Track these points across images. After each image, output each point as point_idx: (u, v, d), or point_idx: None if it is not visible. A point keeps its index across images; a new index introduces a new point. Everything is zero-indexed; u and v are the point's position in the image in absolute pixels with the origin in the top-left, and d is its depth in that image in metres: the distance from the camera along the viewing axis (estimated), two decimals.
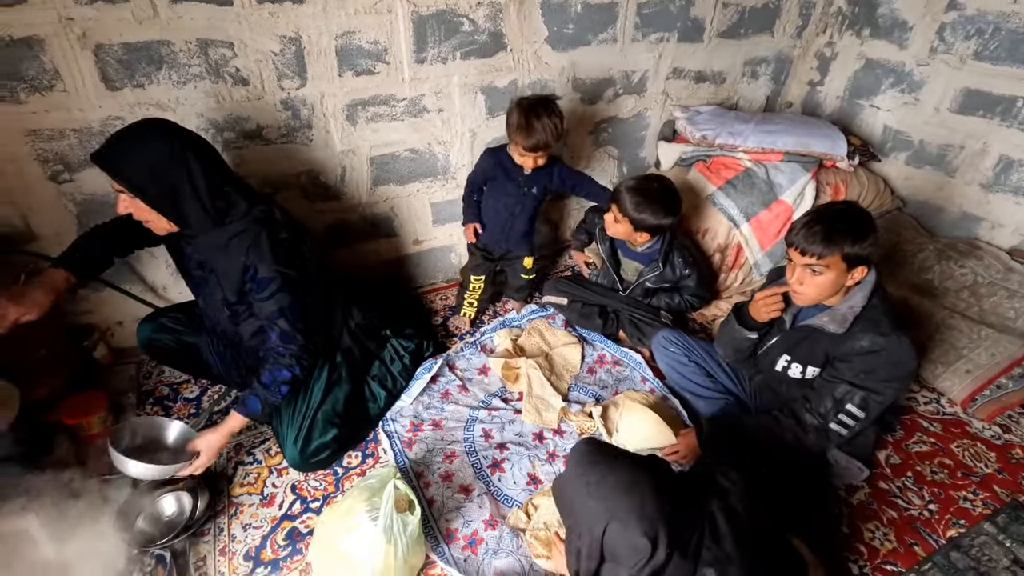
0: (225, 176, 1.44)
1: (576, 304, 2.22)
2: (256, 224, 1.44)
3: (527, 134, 1.83)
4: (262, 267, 1.44)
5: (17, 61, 1.51)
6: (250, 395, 1.52)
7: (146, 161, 1.29)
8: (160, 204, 1.34)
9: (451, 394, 1.96)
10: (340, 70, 1.89)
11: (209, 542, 1.53)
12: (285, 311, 1.49)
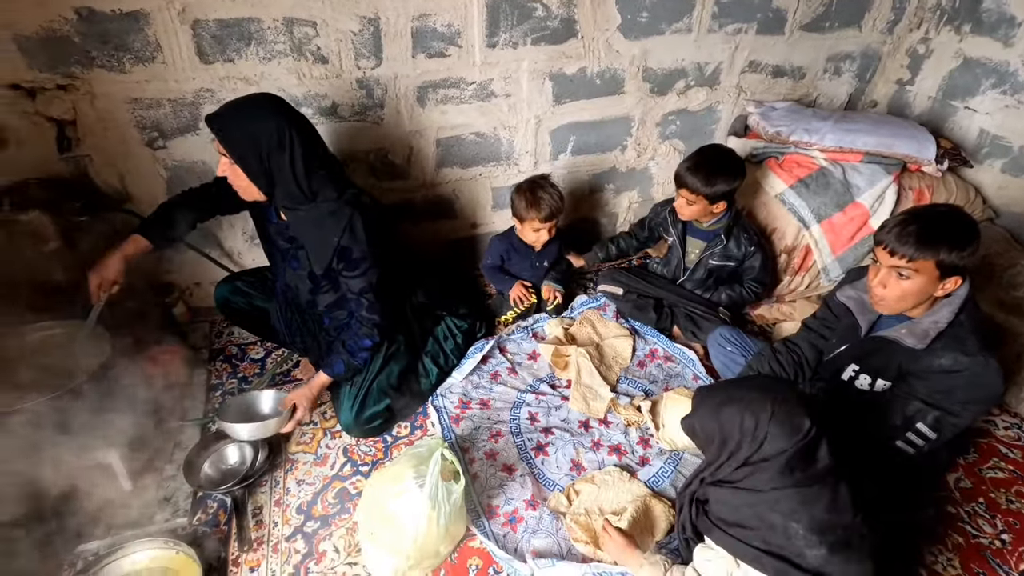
0: (321, 158, 1.51)
1: (632, 295, 2.20)
2: (349, 206, 1.51)
3: (538, 207, 2.04)
4: (356, 248, 1.52)
5: (125, 33, 1.63)
6: (336, 359, 1.64)
7: (252, 132, 1.38)
8: (255, 174, 1.42)
9: (500, 376, 1.99)
10: (414, 52, 1.94)
11: (266, 492, 1.62)
12: (372, 287, 1.59)
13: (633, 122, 2.40)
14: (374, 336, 1.65)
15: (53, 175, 1.74)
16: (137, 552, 1.42)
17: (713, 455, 1.21)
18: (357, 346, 1.65)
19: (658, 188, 2.66)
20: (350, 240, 1.52)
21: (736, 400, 1.15)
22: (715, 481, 1.21)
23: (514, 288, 2.17)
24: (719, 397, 1.20)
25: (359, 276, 1.57)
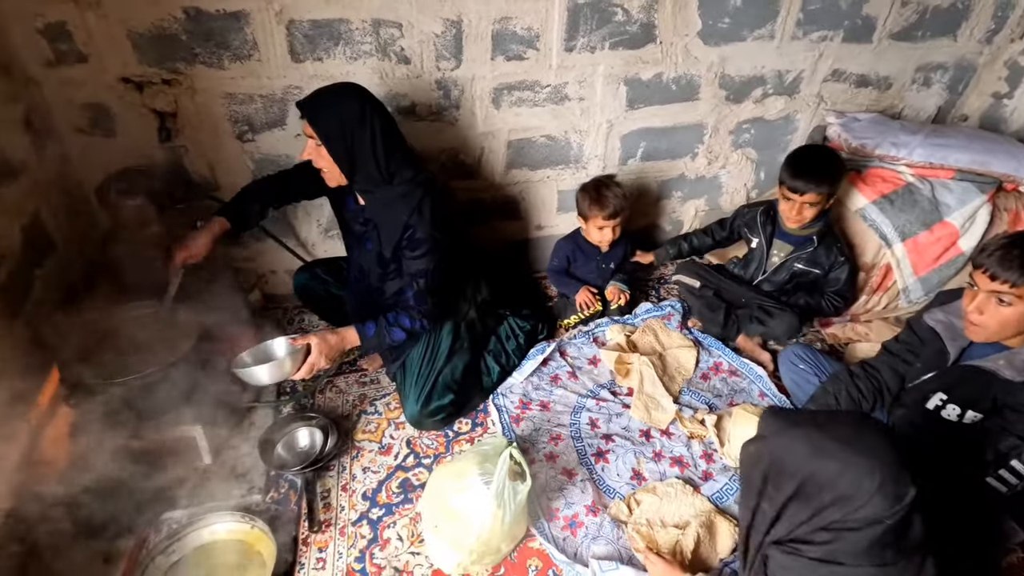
0: (399, 143, 1.58)
1: (707, 291, 2.15)
2: (420, 189, 1.56)
3: (602, 204, 2.06)
4: (420, 228, 1.56)
5: (226, 32, 1.72)
6: (372, 324, 1.62)
7: (339, 115, 1.46)
8: (339, 155, 1.50)
9: (560, 379, 1.99)
10: (493, 54, 1.96)
11: (334, 477, 1.68)
12: (428, 272, 1.61)
13: (706, 129, 2.36)
14: (415, 321, 1.64)
15: (153, 163, 1.86)
16: (216, 524, 1.50)
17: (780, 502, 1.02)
18: (396, 320, 1.63)
19: (727, 197, 2.61)
20: (417, 220, 1.56)
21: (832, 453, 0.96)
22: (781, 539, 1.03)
23: (580, 293, 2.17)
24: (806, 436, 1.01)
25: (418, 258, 1.60)
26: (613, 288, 2.22)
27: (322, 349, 1.53)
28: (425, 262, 1.60)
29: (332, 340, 1.56)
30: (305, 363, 1.53)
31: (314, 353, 1.53)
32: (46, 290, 1.61)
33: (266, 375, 1.49)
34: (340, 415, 1.86)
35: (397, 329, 1.63)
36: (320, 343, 1.53)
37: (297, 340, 1.54)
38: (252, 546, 1.49)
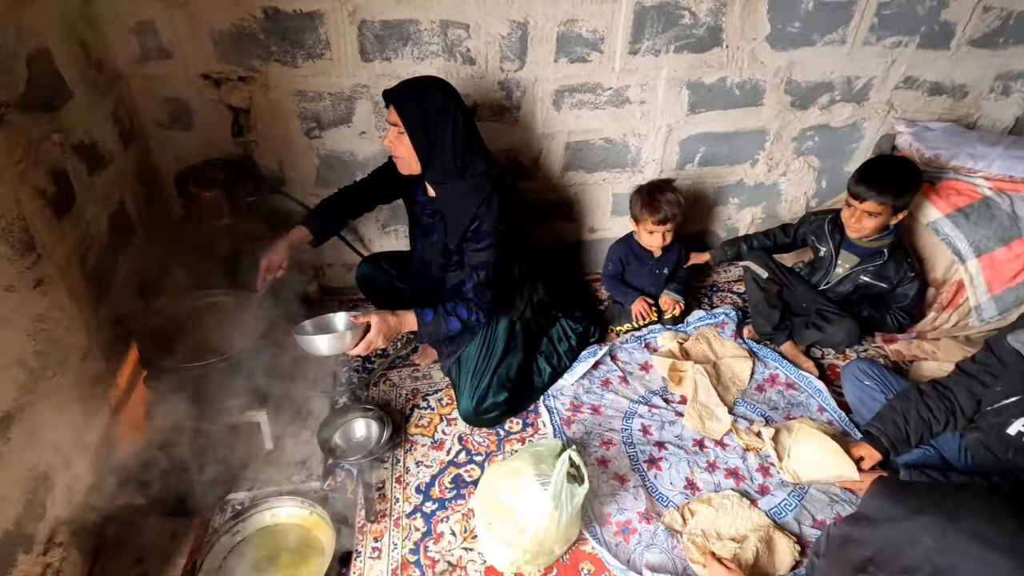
0: (476, 138, 1.62)
1: (772, 286, 2.09)
2: (491, 183, 1.59)
3: (653, 209, 2.04)
4: (487, 221, 1.58)
5: (301, 31, 1.78)
6: (431, 311, 1.62)
7: (424, 105, 1.51)
8: (420, 145, 1.54)
9: (611, 383, 1.98)
10: (556, 56, 1.96)
11: (388, 469, 1.72)
12: (489, 265, 1.63)
13: (768, 136, 2.31)
14: (472, 312, 1.65)
15: (226, 157, 1.93)
16: (277, 508, 1.55)
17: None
18: (454, 310, 1.63)
19: (785, 205, 2.54)
20: (485, 212, 1.58)
21: (966, 549, 0.86)
22: None
23: (637, 303, 2.16)
24: (935, 528, 0.89)
25: (481, 250, 1.62)
26: (667, 298, 2.19)
27: (381, 328, 1.53)
28: (488, 255, 1.62)
29: (391, 321, 1.57)
30: (363, 340, 1.52)
31: (372, 331, 1.53)
32: (127, 275, 1.69)
33: (325, 346, 1.48)
34: (394, 408, 1.90)
35: (454, 319, 1.64)
36: (380, 322, 1.54)
37: (358, 317, 1.54)
38: (311, 531, 1.54)
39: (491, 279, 1.65)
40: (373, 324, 1.53)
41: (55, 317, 1.31)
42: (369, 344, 1.53)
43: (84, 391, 1.41)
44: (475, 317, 1.67)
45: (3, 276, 1.15)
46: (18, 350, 1.18)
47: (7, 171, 1.19)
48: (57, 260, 1.34)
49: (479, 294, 1.66)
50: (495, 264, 1.64)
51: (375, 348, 1.55)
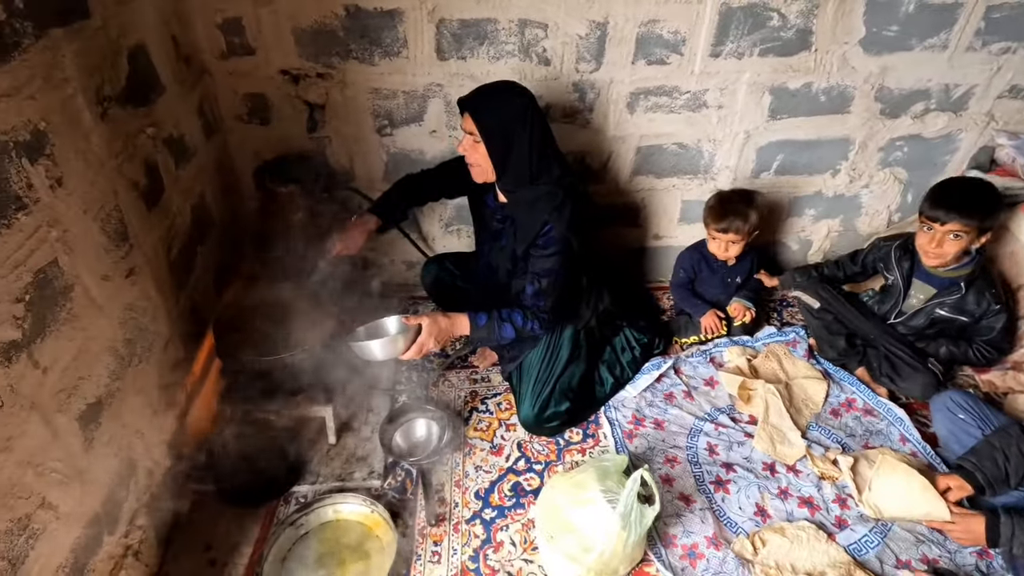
0: (551, 145, 1.58)
1: (827, 315, 2.00)
2: (563, 191, 1.55)
3: (718, 216, 2.00)
4: (557, 227, 1.54)
5: (380, 29, 1.78)
6: (485, 315, 1.58)
7: (501, 112, 1.49)
8: (496, 153, 1.51)
9: (675, 397, 1.92)
10: (634, 58, 1.90)
11: (447, 471, 1.71)
12: (552, 272, 1.59)
13: (852, 145, 2.18)
14: (528, 319, 1.60)
15: (301, 153, 1.96)
16: (340, 503, 1.56)
17: None
18: (508, 316, 1.59)
19: (866, 219, 2.41)
20: (556, 218, 1.54)
21: None
22: None
23: (708, 316, 2.08)
24: None
25: (546, 256, 1.58)
26: (738, 304, 2.11)
27: (432, 331, 1.50)
28: (553, 262, 1.58)
29: (443, 323, 1.53)
30: (415, 343, 1.49)
31: (423, 334, 1.49)
32: (205, 266, 1.74)
33: (379, 350, 1.46)
34: (452, 410, 1.89)
35: (508, 325, 1.60)
36: (431, 324, 1.50)
37: (409, 320, 1.51)
38: (371, 529, 1.54)
39: (552, 287, 1.61)
40: (424, 326, 1.50)
41: (143, 306, 1.35)
42: (421, 347, 1.49)
43: (165, 378, 1.45)
44: (530, 326, 1.62)
45: (100, 265, 1.19)
46: (110, 338, 1.22)
47: (107, 163, 1.23)
48: (146, 250, 1.38)
49: (538, 301, 1.62)
50: (558, 272, 1.60)
51: (427, 351, 1.52)
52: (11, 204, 0.95)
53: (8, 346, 0.93)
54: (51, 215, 1.04)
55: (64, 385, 1.07)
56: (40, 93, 1.03)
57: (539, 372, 1.75)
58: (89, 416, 1.14)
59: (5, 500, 0.91)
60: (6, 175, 0.94)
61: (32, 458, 0.97)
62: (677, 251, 2.40)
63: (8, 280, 0.93)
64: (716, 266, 2.13)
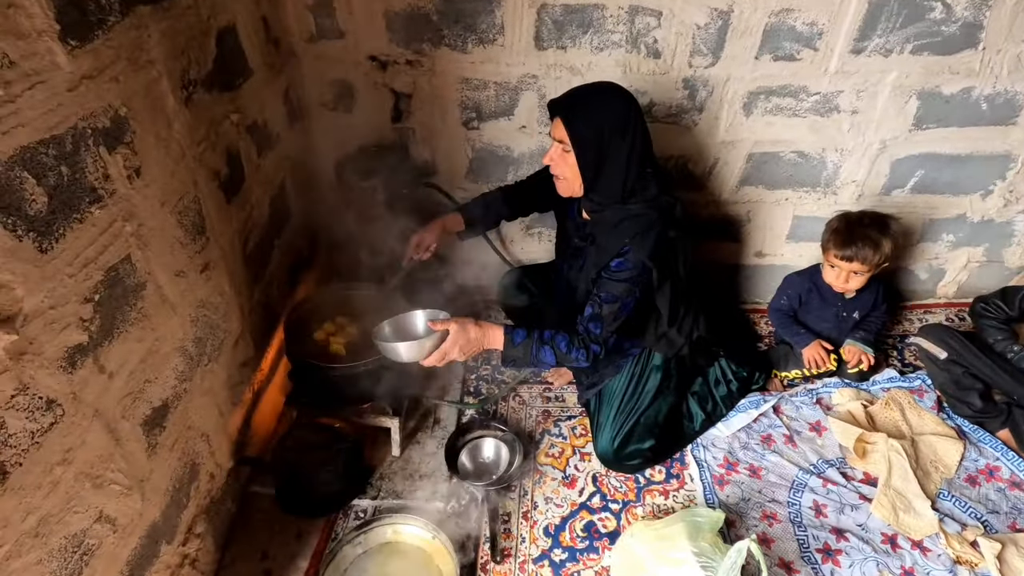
0: (651, 158, 1.39)
1: (956, 367, 1.71)
2: (656, 212, 1.36)
3: (843, 241, 1.72)
4: (636, 253, 1.35)
5: (476, 14, 1.63)
6: (524, 332, 1.37)
7: (600, 122, 1.29)
8: (588, 163, 1.32)
9: (775, 441, 1.69)
10: (759, 52, 1.67)
11: (515, 500, 1.57)
12: (617, 300, 1.38)
13: (1014, 162, 1.85)
14: (575, 347, 1.37)
15: (381, 143, 1.86)
16: (400, 524, 1.45)
17: None
18: (551, 339, 1.37)
19: (1015, 250, 2.05)
20: (638, 242, 1.34)
21: None
22: None
23: (811, 348, 1.83)
24: None
25: (615, 281, 1.37)
26: (854, 348, 1.83)
27: (458, 340, 1.31)
28: (621, 288, 1.37)
29: (472, 333, 1.33)
30: (438, 349, 1.32)
31: (448, 341, 1.31)
32: (280, 260, 1.67)
33: (404, 353, 1.31)
34: (523, 429, 1.75)
35: (548, 349, 1.37)
36: (459, 332, 1.31)
37: (437, 324, 1.32)
38: (432, 557, 1.43)
39: (613, 316, 1.39)
40: (451, 333, 1.32)
41: (215, 302, 1.29)
42: (444, 355, 1.32)
43: (233, 377, 1.39)
44: (576, 354, 1.38)
45: (175, 261, 1.12)
46: (180, 337, 1.15)
47: (189, 152, 1.16)
48: (222, 244, 1.31)
49: (592, 327, 1.39)
50: (625, 302, 1.38)
51: (450, 360, 1.34)
52: (85, 197, 0.87)
53: (73, 350, 0.86)
54: (127, 208, 0.97)
55: (130, 389, 1.00)
56: (123, 75, 0.95)
57: (622, 402, 1.58)
58: (154, 420, 1.07)
59: (61, 516, 0.85)
60: (82, 165, 0.87)
61: (92, 469, 0.91)
62: (781, 271, 2.14)
63: (77, 279, 0.86)
64: (830, 297, 1.86)
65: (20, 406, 0.77)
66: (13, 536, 0.77)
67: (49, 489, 0.82)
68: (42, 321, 0.80)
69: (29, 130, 0.77)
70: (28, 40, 0.76)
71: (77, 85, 0.85)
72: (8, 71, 0.73)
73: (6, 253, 0.74)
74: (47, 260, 0.80)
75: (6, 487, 0.75)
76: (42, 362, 0.80)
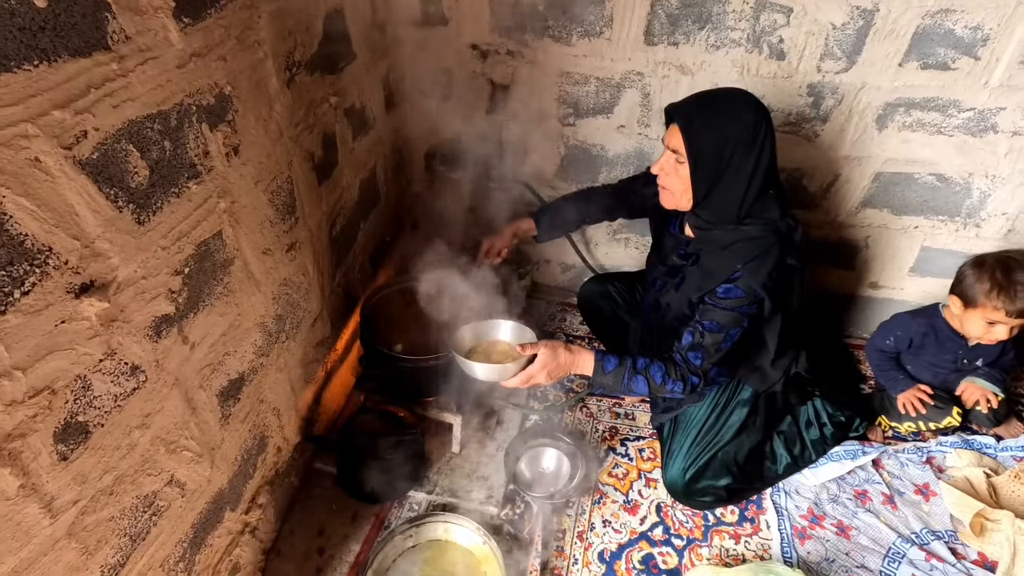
0: (775, 177, 1.25)
1: None
2: (774, 236, 1.22)
3: (1011, 295, 1.45)
4: (749, 279, 1.22)
5: (585, 4, 1.55)
6: (616, 359, 1.29)
7: (724, 133, 1.16)
8: (703, 177, 1.20)
9: (871, 499, 1.50)
10: (904, 58, 1.46)
11: (571, 517, 1.50)
12: (722, 330, 1.26)
13: None
14: (671, 378, 1.27)
15: (474, 135, 1.82)
16: (452, 524, 1.43)
17: None
18: (645, 368, 1.28)
19: None
20: (751, 269, 1.22)
21: None
22: None
23: (909, 392, 1.62)
24: None
25: (721, 309, 1.25)
26: (973, 386, 1.58)
27: (547, 364, 1.25)
28: (726, 317, 1.25)
29: (562, 358, 1.27)
30: (523, 372, 1.26)
31: (536, 364, 1.26)
32: (364, 243, 1.69)
33: (482, 373, 1.27)
34: (587, 443, 1.67)
35: (641, 379, 1.28)
36: (548, 357, 1.25)
37: (526, 347, 1.27)
38: (479, 563, 1.39)
39: (715, 347, 1.27)
40: (539, 357, 1.26)
41: (298, 282, 1.31)
42: (528, 378, 1.26)
43: (308, 355, 1.42)
44: (672, 386, 1.28)
45: (263, 239, 1.14)
46: (262, 314, 1.18)
47: (286, 133, 1.17)
48: (310, 225, 1.33)
49: (692, 357, 1.28)
50: (729, 332, 1.26)
51: (535, 385, 1.28)
52: (184, 172, 0.90)
53: (160, 320, 0.89)
54: (222, 185, 0.99)
55: (210, 361, 1.03)
56: (231, 55, 0.96)
57: (699, 434, 1.46)
58: (229, 392, 1.10)
59: (136, 477, 0.88)
60: (184, 141, 0.89)
61: (167, 435, 0.94)
62: (896, 307, 1.90)
63: (170, 252, 0.88)
64: (950, 342, 1.62)
65: (106, 370, 0.80)
66: (90, 492, 0.80)
67: (126, 451, 0.86)
68: (133, 290, 0.82)
69: (138, 104, 0.79)
70: (144, 16, 0.78)
71: (187, 62, 0.87)
72: (123, 46, 0.75)
73: (106, 223, 0.76)
74: (143, 232, 0.83)
75: (88, 446, 0.79)
76: (130, 329, 0.83)
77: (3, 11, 0.60)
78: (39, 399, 0.70)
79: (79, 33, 0.69)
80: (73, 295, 0.73)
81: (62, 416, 0.74)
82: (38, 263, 0.68)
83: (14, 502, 0.69)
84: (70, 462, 0.76)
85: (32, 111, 0.65)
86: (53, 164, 0.68)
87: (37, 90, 0.65)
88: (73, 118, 0.70)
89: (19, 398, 0.68)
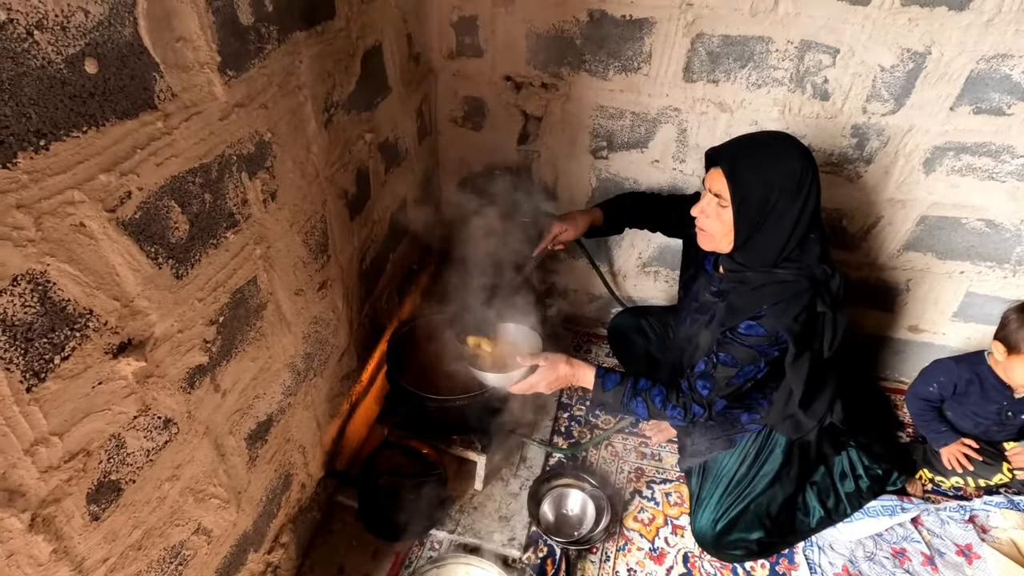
0: (819, 222, 1.21)
1: None
2: (807, 281, 1.18)
3: None
4: (772, 320, 1.18)
5: (623, 40, 1.53)
6: (617, 378, 1.30)
7: (770, 179, 1.13)
8: (745, 222, 1.17)
9: (910, 559, 1.44)
10: (956, 102, 1.41)
11: (595, 564, 1.46)
12: (735, 364, 1.22)
13: None
14: (672, 403, 1.26)
15: (506, 167, 1.81)
16: (474, 566, 1.40)
17: None
18: (646, 390, 1.27)
19: None
20: (776, 312, 1.18)
21: None
22: None
23: (953, 447, 1.55)
24: None
25: (738, 345, 1.21)
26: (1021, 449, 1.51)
27: (546, 375, 1.32)
28: (742, 353, 1.21)
29: (563, 371, 1.32)
30: (524, 381, 1.34)
31: (537, 375, 1.32)
32: (392, 273, 1.68)
33: (492, 380, 1.37)
34: (612, 484, 1.63)
35: (641, 401, 1.27)
36: (548, 369, 1.32)
37: (527, 359, 1.34)
38: None
39: (726, 381, 1.24)
40: (540, 369, 1.33)
41: (328, 319, 1.30)
42: (529, 387, 1.33)
43: (334, 390, 1.41)
44: (672, 412, 1.27)
45: (296, 280, 1.13)
46: (292, 353, 1.17)
47: (322, 172, 1.16)
48: (341, 261, 1.32)
49: (700, 386, 1.26)
50: (743, 370, 1.22)
51: (534, 392, 1.36)
52: (223, 222, 0.89)
53: (194, 371, 0.88)
54: (259, 232, 0.98)
55: (240, 406, 1.02)
56: (272, 102, 0.96)
57: (731, 484, 1.41)
58: (257, 435, 1.10)
59: (164, 529, 0.88)
60: (224, 191, 0.88)
61: (196, 484, 0.93)
62: (936, 351, 1.84)
63: (206, 303, 0.88)
64: (994, 392, 1.55)
65: (140, 426, 0.79)
66: (120, 550, 0.79)
67: (156, 504, 0.85)
68: (169, 345, 0.82)
69: (180, 160, 0.78)
70: (190, 72, 0.77)
71: (229, 113, 0.86)
72: (169, 103, 0.75)
73: (146, 281, 0.76)
74: (181, 286, 0.82)
75: (120, 503, 0.78)
76: (165, 384, 0.82)
77: (54, 80, 0.60)
78: (74, 463, 0.70)
79: (127, 95, 0.68)
80: (111, 356, 0.73)
81: (96, 477, 0.73)
82: (78, 327, 0.68)
83: (46, 567, 0.68)
84: (101, 522, 0.75)
85: (79, 177, 0.64)
86: (97, 228, 0.68)
87: (84, 156, 0.64)
88: (118, 180, 0.69)
89: (55, 464, 0.67)
